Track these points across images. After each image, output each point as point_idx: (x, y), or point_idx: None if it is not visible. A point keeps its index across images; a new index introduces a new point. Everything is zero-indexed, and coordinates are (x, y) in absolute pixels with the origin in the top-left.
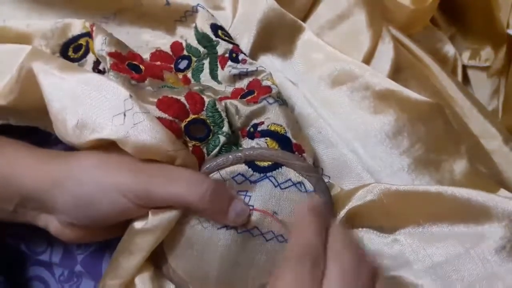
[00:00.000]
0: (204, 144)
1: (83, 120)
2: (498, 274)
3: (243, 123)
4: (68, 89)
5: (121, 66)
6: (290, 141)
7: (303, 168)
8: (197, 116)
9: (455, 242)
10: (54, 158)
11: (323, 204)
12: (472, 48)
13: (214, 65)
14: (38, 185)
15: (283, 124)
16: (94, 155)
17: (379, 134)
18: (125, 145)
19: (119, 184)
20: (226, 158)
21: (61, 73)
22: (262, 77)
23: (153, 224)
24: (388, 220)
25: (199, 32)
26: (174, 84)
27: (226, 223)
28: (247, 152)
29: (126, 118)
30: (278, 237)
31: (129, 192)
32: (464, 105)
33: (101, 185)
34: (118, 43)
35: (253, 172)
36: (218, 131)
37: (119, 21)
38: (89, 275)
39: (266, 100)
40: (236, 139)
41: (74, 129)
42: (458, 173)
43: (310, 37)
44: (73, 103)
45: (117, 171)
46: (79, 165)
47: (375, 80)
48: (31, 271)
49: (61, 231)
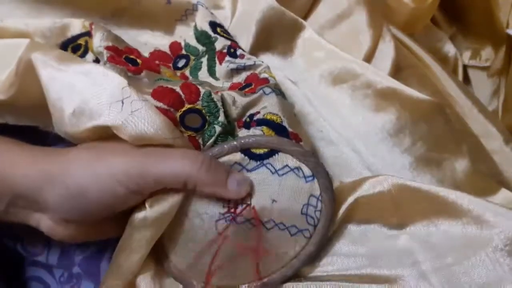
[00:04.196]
0: (200, 135)
1: (81, 107)
2: (509, 278)
3: (240, 113)
4: (65, 79)
5: (118, 59)
6: (286, 129)
7: (300, 153)
8: (192, 106)
9: (466, 243)
10: (46, 156)
11: None
12: (472, 48)
13: (212, 62)
14: (29, 183)
15: (279, 113)
16: (88, 147)
17: (381, 132)
18: (122, 133)
19: (112, 169)
20: (221, 148)
21: (59, 64)
22: (260, 71)
23: (152, 216)
24: (397, 213)
25: (198, 30)
26: (171, 77)
27: (228, 195)
28: (243, 141)
29: (124, 106)
30: (279, 225)
31: (123, 176)
32: (465, 105)
33: (91, 173)
34: (115, 38)
35: (249, 160)
36: (213, 121)
37: (118, 22)
38: (88, 277)
39: (262, 90)
40: (232, 129)
41: (70, 118)
42: (460, 172)
43: (310, 35)
44: (70, 92)
45: (109, 157)
46: (69, 158)
47: (376, 78)
48: (29, 271)
49: (54, 229)
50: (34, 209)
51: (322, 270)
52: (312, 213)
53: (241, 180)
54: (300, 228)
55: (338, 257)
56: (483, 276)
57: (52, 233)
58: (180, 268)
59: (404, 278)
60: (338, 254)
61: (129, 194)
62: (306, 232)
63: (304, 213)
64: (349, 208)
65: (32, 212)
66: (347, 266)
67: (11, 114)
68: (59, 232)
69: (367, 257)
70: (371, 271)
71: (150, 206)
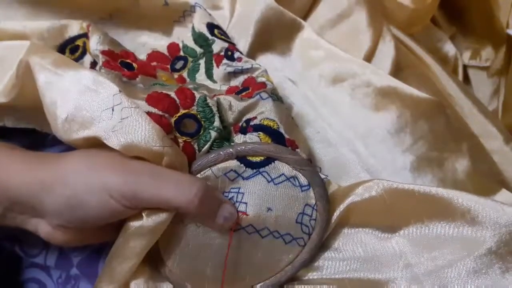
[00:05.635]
0: (195, 140)
1: (73, 114)
2: (504, 281)
3: (236, 118)
4: (60, 84)
5: (113, 64)
6: (283, 136)
7: (296, 161)
8: (187, 111)
9: (459, 246)
10: (43, 162)
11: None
12: (472, 48)
13: (210, 64)
14: (26, 189)
15: (276, 119)
16: (83, 156)
17: (381, 132)
18: (112, 142)
19: (106, 185)
20: (218, 154)
21: (55, 68)
22: (257, 74)
23: (148, 225)
24: (389, 218)
25: (195, 32)
26: (167, 81)
27: (213, 227)
28: (239, 148)
29: (114, 113)
30: (274, 233)
31: (116, 193)
32: (465, 105)
33: (89, 186)
34: (112, 41)
35: (245, 168)
36: (209, 126)
37: (116, 23)
38: (86, 278)
39: (259, 95)
40: (228, 134)
41: (63, 124)
42: (461, 172)
43: (309, 35)
44: (63, 98)
45: (105, 171)
46: (67, 167)
47: (376, 77)
48: (27, 273)
49: (52, 234)
50: (32, 214)
51: (315, 274)
52: (307, 222)
53: (229, 216)
54: (295, 236)
55: (331, 261)
56: (476, 279)
57: (50, 238)
58: (176, 273)
59: (396, 281)
60: (331, 258)
61: (123, 208)
62: (300, 241)
63: (299, 222)
64: (343, 213)
65: (29, 217)
66: (340, 269)
67: (10, 117)
68: (58, 237)
69: (360, 261)
70: (363, 275)
71: (147, 216)
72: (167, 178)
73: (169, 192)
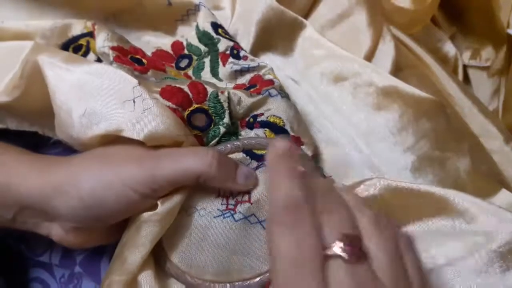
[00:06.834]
0: (205, 134)
1: (92, 108)
2: (501, 280)
3: (244, 113)
4: (74, 79)
5: (124, 59)
6: (288, 133)
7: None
8: (200, 106)
9: (459, 244)
10: (53, 165)
11: (288, 143)
12: (472, 48)
13: (215, 63)
14: (36, 195)
15: (283, 116)
16: (93, 155)
17: (383, 131)
18: (133, 133)
19: (123, 177)
20: (225, 147)
21: (66, 65)
22: (264, 72)
23: (162, 211)
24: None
25: (200, 30)
26: (176, 76)
27: (237, 188)
28: (246, 141)
29: (136, 105)
30: None
31: (134, 182)
32: (465, 105)
33: (105, 182)
34: (120, 38)
35: (251, 160)
36: (219, 122)
37: (119, 22)
38: (88, 276)
39: (268, 92)
40: (235, 129)
41: (81, 118)
42: (462, 172)
43: (311, 34)
44: (79, 93)
45: (119, 164)
46: (79, 168)
47: (378, 77)
48: (31, 272)
49: (65, 237)
50: (44, 218)
51: None
52: None
53: (248, 174)
54: None
55: None
56: (476, 277)
57: (63, 241)
58: (177, 264)
59: None
60: None
61: (142, 199)
62: None
63: None
64: None
65: (41, 221)
66: None
67: (12, 118)
68: (70, 239)
69: None
70: None
71: (161, 203)
72: (183, 152)
73: (188, 161)
